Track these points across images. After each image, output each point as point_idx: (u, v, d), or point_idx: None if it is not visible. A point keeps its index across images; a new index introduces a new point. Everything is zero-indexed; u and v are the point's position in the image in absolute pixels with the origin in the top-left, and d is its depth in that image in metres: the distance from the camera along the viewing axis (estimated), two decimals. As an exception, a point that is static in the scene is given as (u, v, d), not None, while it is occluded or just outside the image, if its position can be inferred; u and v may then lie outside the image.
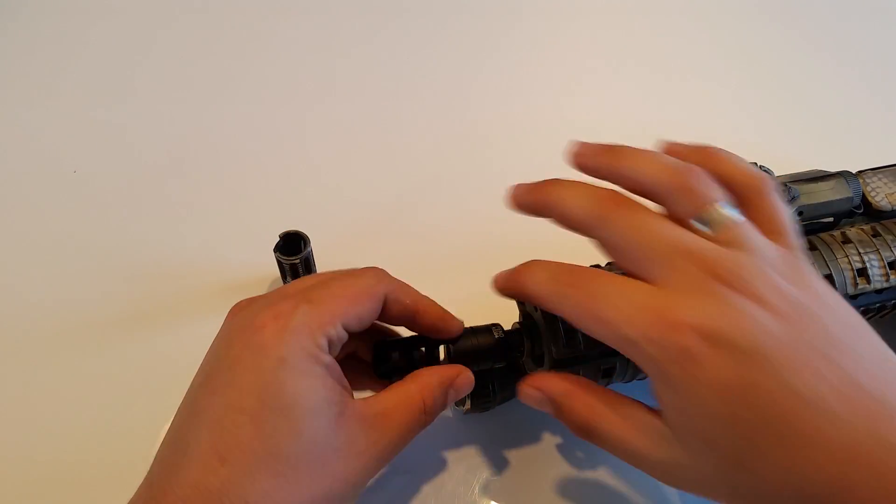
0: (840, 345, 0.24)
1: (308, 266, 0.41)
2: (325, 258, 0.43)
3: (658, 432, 0.25)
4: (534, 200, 0.30)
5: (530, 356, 0.33)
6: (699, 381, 0.23)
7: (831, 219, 0.37)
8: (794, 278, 0.25)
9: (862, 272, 0.35)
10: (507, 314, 0.34)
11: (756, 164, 0.37)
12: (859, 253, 0.35)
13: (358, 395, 0.28)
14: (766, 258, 0.25)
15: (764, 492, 0.24)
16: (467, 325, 0.34)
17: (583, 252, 0.30)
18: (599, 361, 0.31)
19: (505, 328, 0.33)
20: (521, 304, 0.34)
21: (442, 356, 0.32)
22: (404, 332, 0.33)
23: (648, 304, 0.24)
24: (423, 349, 0.32)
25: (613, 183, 0.29)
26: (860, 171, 0.39)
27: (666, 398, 0.25)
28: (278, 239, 0.40)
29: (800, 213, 0.36)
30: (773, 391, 0.23)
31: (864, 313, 0.37)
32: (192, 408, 0.26)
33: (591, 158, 0.30)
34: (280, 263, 0.41)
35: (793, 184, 0.36)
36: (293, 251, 0.40)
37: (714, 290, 0.24)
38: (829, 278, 0.34)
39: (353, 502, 0.28)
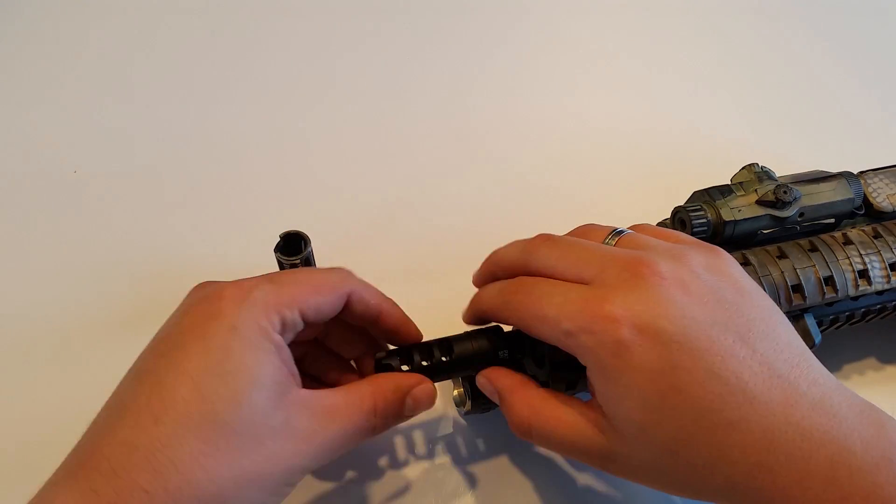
0: (757, 330, 0.25)
1: (308, 266, 0.41)
2: (326, 258, 0.43)
3: (595, 423, 0.27)
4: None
5: (531, 358, 0.33)
6: (632, 367, 0.25)
7: (832, 220, 0.37)
8: (710, 267, 0.27)
9: (863, 274, 0.35)
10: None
11: (757, 164, 0.37)
12: (860, 254, 0.35)
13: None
14: (681, 253, 0.27)
15: (695, 479, 0.25)
16: (467, 325, 0.34)
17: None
18: None
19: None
20: None
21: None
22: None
23: (584, 297, 0.26)
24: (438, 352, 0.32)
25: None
26: (861, 172, 0.39)
27: (602, 387, 0.26)
28: (278, 239, 0.40)
29: (801, 215, 0.36)
30: (700, 376, 0.24)
31: (864, 314, 0.37)
32: (136, 370, 0.26)
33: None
34: (280, 263, 0.41)
35: (794, 185, 0.36)
36: (293, 251, 0.40)
37: (641, 284, 0.26)
38: (830, 279, 0.34)
39: (283, 491, 0.26)
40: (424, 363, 0.31)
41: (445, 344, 0.32)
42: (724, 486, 0.24)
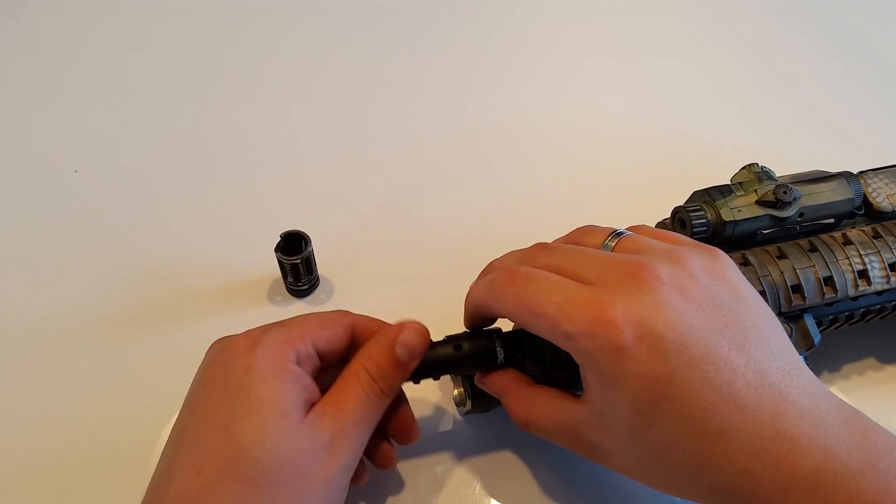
0: (752, 337, 0.26)
1: (309, 266, 0.41)
2: (326, 258, 0.43)
3: (584, 420, 0.28)
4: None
5: (531, 357, 0.33)
6: (629, 373, 0.25)
7: (832, 220, 0.37)
8: (709, 270, 0.27)
9: (863, 274, 0.35)
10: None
11: (757, 164, 0.37)
12: (860, 254, 0.35)
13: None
14: (680, 256, 0.27)
15: (681, 481, 0.26)
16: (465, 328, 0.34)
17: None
18: None
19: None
20: None
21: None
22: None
23: (585, 300, 0.26)
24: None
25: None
26: (861, 172, 0.39)
27: (596, 388, 0.27)
28: (279, 239, 0.40)
29: (801, 215, 0.36)
30: (695, 385, 0.24)
31: (864, 314, 0.37)
32: (176, 432, 0.28)
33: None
34: (281, 263, 0.41)
35: (794, 185, 0.36)
36: (294, 251, 0.40)
37: (641, 287, 0.26)
38: (829, 280, 0.35)
39: (339, 497, 0.28)
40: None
41: (446, 341, 0.32)
42: (710, 490, 0.25)
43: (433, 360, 0.31)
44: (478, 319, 0.32)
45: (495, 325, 0.33)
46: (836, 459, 0.23)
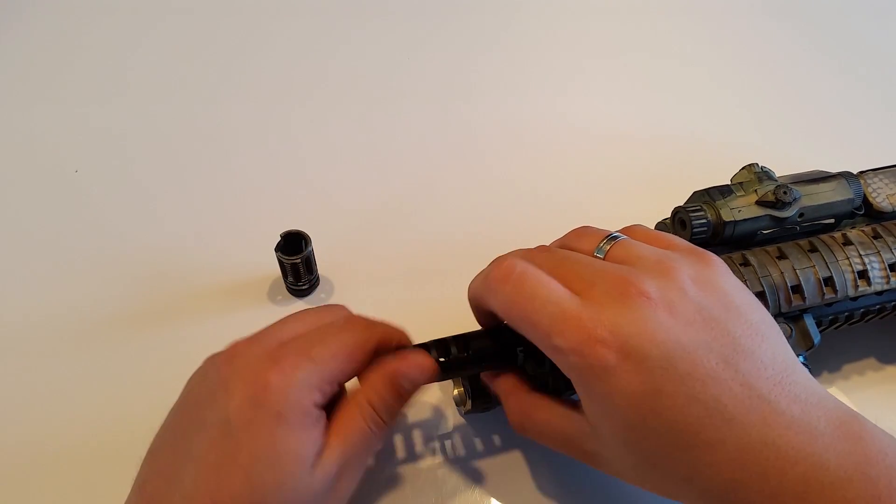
0: (741, 349, 0.26)
1: (309, 266, 0.41)
2: (326, 258, 0.43)
3: (580, 428, 0.28)
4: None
5: (531, 357, 0.33)
6: (616, 391, 0.25)
7: (832, 220, 0.37)
8: (699, 279, 0.27)
9: (862, 274, 0.35)
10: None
11: (757, 164, 0.37)
12: (860, 255, 0.35)
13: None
14: (670, 267, 0.27)
15: (674, 488, 0.26)
16: (466, 326, 0.34)
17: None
18: None
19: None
20: None
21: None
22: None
23: (576, 314, 0.26)
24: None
25: None
26: (861, 172, 0.39)
27: (586, 403, 0.27)
28: (279, 239, 0.40)
29: (801, 215, 0.36)
30: (680, 400, 0.25)
31: (864, 315, 0.37)
32: (189, 448, 0.27)
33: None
34: (281, 263, 0.41)
35: (794, 185, 0.36)
36: (294, 251, 0.40)
37: (629, 304, 0.26)
38: (829, 280, 0.35)
39: None
40: (442, 359, 0.31)
41: (462, 341, 0.32)
42: (702, 496, 0.25)
43: (464, 363, 0.32)
44: (481, 313, 0.32)
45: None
46: (823, 469, 0.23)
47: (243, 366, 0.28)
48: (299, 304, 0.42)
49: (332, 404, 0.30)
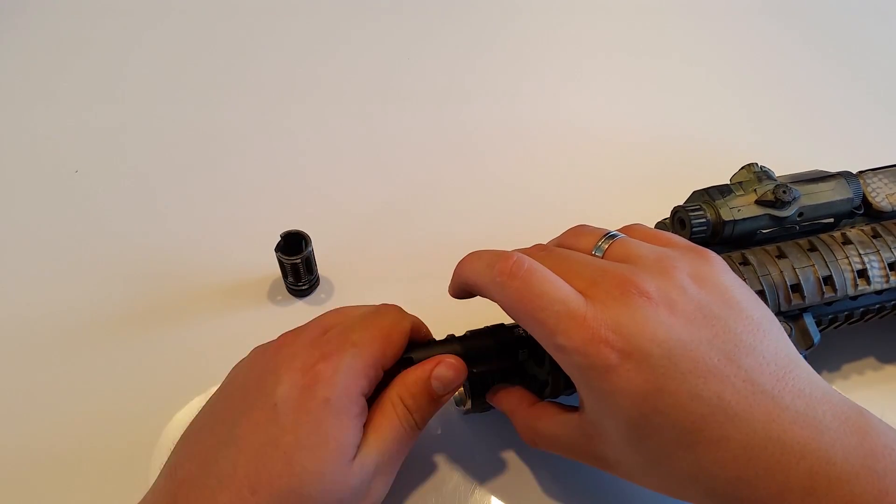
0: (743, 345, 0.26)
1: (309, 266, 0.41)
2: (326, 258, 0.43)
3: (585, 432, 0.29)
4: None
5: (532, 357, 0.33)
6: (618, 390, 0.25)
7: (832, 220, 0.37)
8: (698, 277, 0.27)
9: (862, 273, 0.35)
10: (503, 315, 0.34)
11: (756, 163, 0.37)
12: (859, 254, 0.35)
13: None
14: (669, 265, 0.27)
15: (680, 487, 0.26)
16: (466, 325, 0.34)
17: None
18: None
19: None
20: None
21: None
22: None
23: (580, 313, 0.26)
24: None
25: None
26: (861, 172, 0.39)
27: (589, 403, 0.27)
28: (279, 239, 0.40)
29: (800, 214, 0.36)
30: (682, 398, 0.25)
31: (863, 314, 0.37)
32: (230, 432, 0.28)
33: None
34: (281, 263, 0.41)
35: (793, 184, 0.36)
36: (294, 251, 0.40)
37: (629, 303, 0.26)
38: (829, 279, 0.35)
39: None
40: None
41: (462, 341, 0.33)
42: (707, 494, 0.25)
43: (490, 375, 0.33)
44: (462, 292, 0.32)
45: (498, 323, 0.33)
46: (830, 463, 0.23)
47: (292, 354, 0.29)
48: (299, 305, 0.42)
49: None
